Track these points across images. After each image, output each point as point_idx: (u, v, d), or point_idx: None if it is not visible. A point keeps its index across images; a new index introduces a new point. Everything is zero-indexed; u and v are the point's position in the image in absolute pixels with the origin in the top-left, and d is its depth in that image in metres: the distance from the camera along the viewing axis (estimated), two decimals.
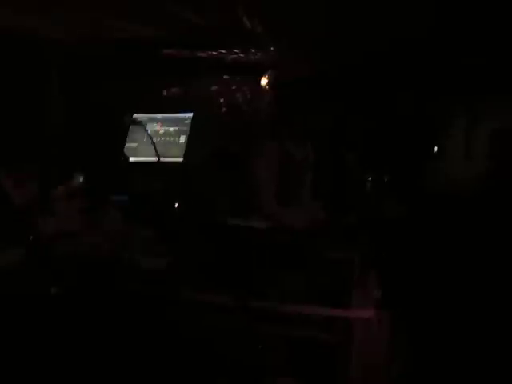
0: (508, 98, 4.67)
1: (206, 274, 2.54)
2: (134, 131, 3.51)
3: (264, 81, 4.45)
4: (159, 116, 3.71)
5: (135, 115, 3.66)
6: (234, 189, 3.36)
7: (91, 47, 4.54)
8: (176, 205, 3.16)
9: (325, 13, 3.58)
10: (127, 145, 3.52)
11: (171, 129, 3.61)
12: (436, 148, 4.98)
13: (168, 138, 3.58)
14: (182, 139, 3.55)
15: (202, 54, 4.46)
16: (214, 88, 4.68)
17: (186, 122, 3.61)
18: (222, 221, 2.85)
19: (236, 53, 4.38)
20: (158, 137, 3.58)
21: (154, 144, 2.52)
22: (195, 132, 3.62)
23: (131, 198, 3.06)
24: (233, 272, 2.51)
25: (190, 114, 3.62)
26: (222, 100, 4.64)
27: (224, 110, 4.57)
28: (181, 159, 3.46)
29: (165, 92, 4.68)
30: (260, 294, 2.34)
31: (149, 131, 3.57)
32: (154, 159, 2.60)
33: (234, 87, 4.65)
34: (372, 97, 4.64)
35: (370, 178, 4.49)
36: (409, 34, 3.89)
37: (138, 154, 3.52)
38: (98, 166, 3.26)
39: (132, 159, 3.49)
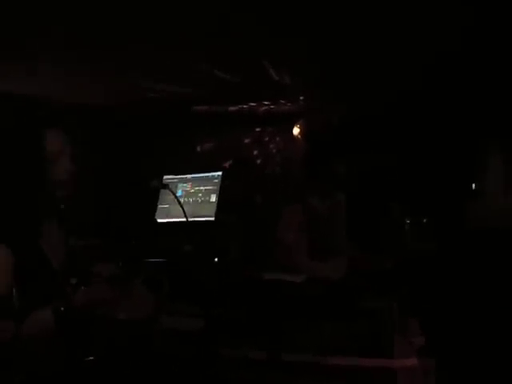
0: None
1: (241, 330, 2.53)
2: (164, 193, 3.56)
3: (295, 130, 4.49)
4: (189, 176, 3.76)
5: (165, 177, 3.72)
6: (266, 245, 3.36)
7: (128, 110, 4.70)
8: (211, 263, 3.16)
9: (346, 64, 3.65)
10: (159, 206, 3.57)
11: (202, 188, 3.65)
12: (475, 186, 4.90)
13: (199, 198, 3.62)
14: (213, 198, 3.58)
15: (233, 109, 4.55)
16: (244, 141, 4.73)
17: (216, 180, 3.64)
18: (258, 276, 2.85)
19: (267, 105, 4.44)
20: (190, 197, 3.62)
21: (181, 205, 2.55)
22: (225, 190, 3.66)
23: (166, 260, 3.09)
24: (268, 326, 2.49)
25: (220, 173, 3.66)
26: (253, 153, 4.69)
27: (254, 163, 4.62)
28: (213, 218, 3.48)
29: (197, 149, 4.77)
30: (297, 348, 2.31)
31: (180, 192, 3.62)
32: (182, 219, 2.63)
33: (266, 139, 4.70)
34: (408, 140, 4.60)
35: (408, 221, 4.43)
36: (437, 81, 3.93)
37: (170, 215, 3.56)
38: (131, 230, 3.31)
39: (164, 220, 3.54)
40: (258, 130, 4.78)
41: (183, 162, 4.55)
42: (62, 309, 1.62)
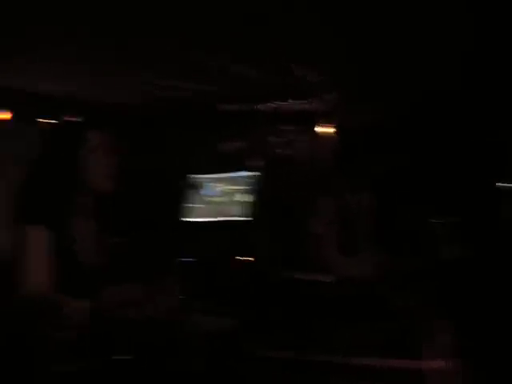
0: None
1: (272, 330, 2.53)
2: (194, 192, 3.60)
3: (324, 129, 4.47)
4: (220, 176, 3.79)
5: (193, 176, 3.76)
6: (297, 243, 3.36)
7: (152, 108, 4.74)
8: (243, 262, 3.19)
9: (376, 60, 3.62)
10: (188, 206, 3.61)
11: (233, 188, 3.68)
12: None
13: (227, 198, 3.65)
14: (241, 197, 3.59)
15: (260, 107, 4.55)
16: (271, 140, 4.73)
17: (245, 180, 3.66)
18: (289, 276, 2.86)
19: (292, 103, 4.43)
20: (220, 196, 3.65)
21: (210, 205, 2.58)
22: (255, 189, 3.67)
23: (195, 259, 3.12)
24: (299, 326, 2.50)
25: (248, 173, 3.68)
26: (280, 152, 4.68)
27: (283, 162, 4.61)
28: (241, 218, 3.50)
29: (223, 149, 4.78)
30: (327, 348, 2.31)
31: (208, 191, 3.65)
32: (213, 219, 2.65)
33: (292, 137, 4.69)
34: (439, 139, 4.55)
35: (438, 222, 4.37)
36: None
37: (199, 214, 3.60)
38: (160, 229, 3.36)
39: (192, 220, 3.57)
40: (285, 128, 4.77)
41: (209, 160, 4.57)
42: (94, 308, 1.64)
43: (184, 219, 2.84)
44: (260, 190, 3.73)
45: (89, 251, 1.89)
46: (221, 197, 3.62)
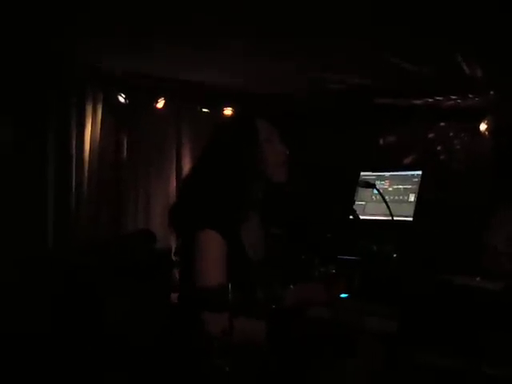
0: None
1: (434, 335, 2.44)
2: (362, 190, 3.54)
3: (483, 127, 4.21)
4: (387, 174, 3.69)
5: (362, 173, 3.70)
6: (461, 246, 3.21)
7: (307, 101, 4.74)
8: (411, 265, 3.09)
9: None
10: (356, 203, 3.56)
11: (400, 187, 3.57)
12: None
13: (397, 197, 3.54)
14: (412, 197, 3.48)
15: (418, 102, 4.39)
16: (428, 136, 4.53)
17: (415, 179, 3.53)
18: (451, 280, 2.73)
19: (453, 99, 4.23)
20: (387, 195, 3.55)
21: (387, 203, 2.49)
22: (423, 189, 3.54)
23: (361, 257, 3.06)
24: (464, 334, 2.38)
25: (419, 172, 3.54)
26: (440, 149, 4.48)
27: (445, 161, 4.40)
28: (411, 218, 3.39)
29: (379, 143, 4.66)
30: (494, 360, 2.17)
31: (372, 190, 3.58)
32: (383, 218, 2.57)
33: (451, 134, 4.47)
34: None
35: None
36: None
37: (366, 212, 3.53)
38: (328, 225, 3.33)
39: (357, 217, 3.52)
40: (442, 124, 4.53)
41: (365, 157, 4.48)
42: (274, 307, 1.61)
43: (354, 215, 2.78)
44: (422, 189, 3.58)
45: (255, 244, 1.87)
46: (388, 195, 3.51)
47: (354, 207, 3.53)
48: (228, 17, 3.03)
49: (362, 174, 3.74)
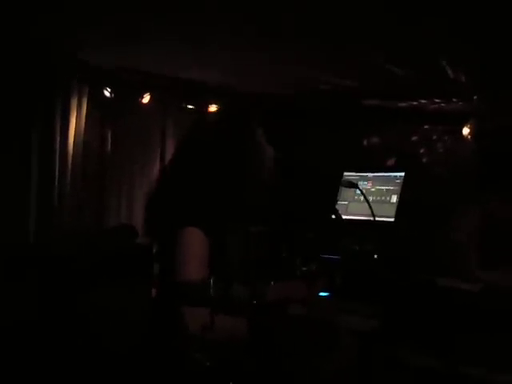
0: None
1: (414, 336, 2.48)
2: (345, 190, 3.57)
3: (466, 130, 4.27)
4: (370, 175, 3.72)
5: (346, 173, 3.72)
6: (436, 249, 3.25)
7: (300, 100, 4.77)
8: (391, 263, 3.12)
9: None
10: (338, 203, 3.59)
11: (383, 188, 3.60)
12: None
13: (379, 197, 3.58)
14: (394, 198, 3.51)
15: (403, 105, 4.44)
16: (411, 138, 4.59)
17: (398, 181, 3.57)
18: (430, 281, 2.77)
19: (437, 102, 4.28)
20: (369, 195, 3.58)
21: (369, 204, 2.53)
22: (405, 190, 3.58)
23: (343, 256, 3.09)
24: (442, 335, 2.41)
25: (402, 174, 3.58)
26: (423, 152, 4.53)
27: (426, 163, 4.46)
28: (392, 219, 3.42)
29: (362, 144, 4.71)
30: (471, 361, 2.21)
31: (355, 190, 3.60)
32: (365, 218, 2.60)
33: (434, 137, 4.53)
34: None
35: None
36: None
37: (349, 212, 3.56)
38: (310, 223, 3.35)
39: (339, 217, 3.54)
40: (426, 127, 4.60)
41: (349, 157, 4.52)
42: (254, 303, 1.62)
43: (336, 215, 2.81)
44: (404, 190, 3.62)
45: (238, 242, 1.87)
46: (370, 196, 3.54)
47: (337, 207, 3.57)
48: (216, 13, 3.03)
49: (345, 173, 3.76)
